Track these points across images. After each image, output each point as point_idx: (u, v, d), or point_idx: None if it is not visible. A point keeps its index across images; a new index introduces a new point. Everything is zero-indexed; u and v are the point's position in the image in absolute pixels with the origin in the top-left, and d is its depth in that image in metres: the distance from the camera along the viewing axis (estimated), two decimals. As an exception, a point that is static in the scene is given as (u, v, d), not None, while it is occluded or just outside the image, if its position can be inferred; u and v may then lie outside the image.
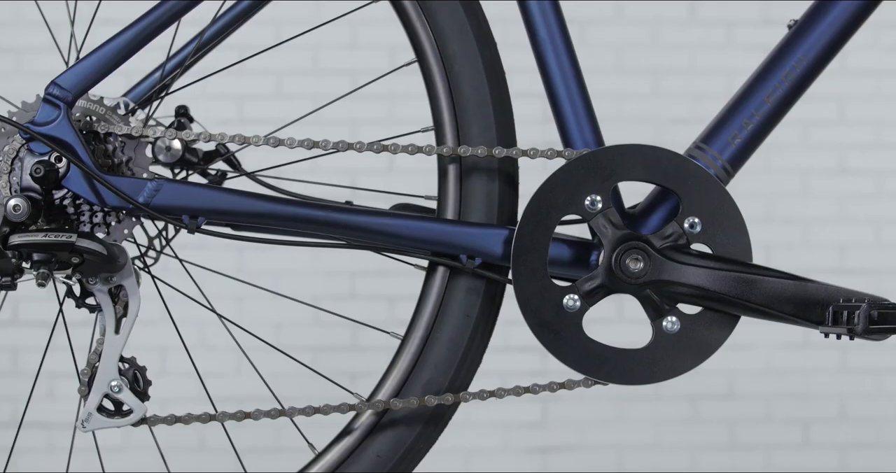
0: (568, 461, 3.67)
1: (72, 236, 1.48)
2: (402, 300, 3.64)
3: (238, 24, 1.79)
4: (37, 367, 1.74)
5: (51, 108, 1.53)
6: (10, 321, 3.62)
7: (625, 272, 1.53)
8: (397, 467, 1.59)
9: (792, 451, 3.66)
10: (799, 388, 3.68)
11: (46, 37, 1.82)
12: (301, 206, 1.55)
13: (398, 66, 1.69)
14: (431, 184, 1.81)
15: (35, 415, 3.61)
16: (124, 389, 1.56)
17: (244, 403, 1.66)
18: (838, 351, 3.67)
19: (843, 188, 3.73)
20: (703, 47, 3.77)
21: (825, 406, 3.67)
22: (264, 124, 2.33)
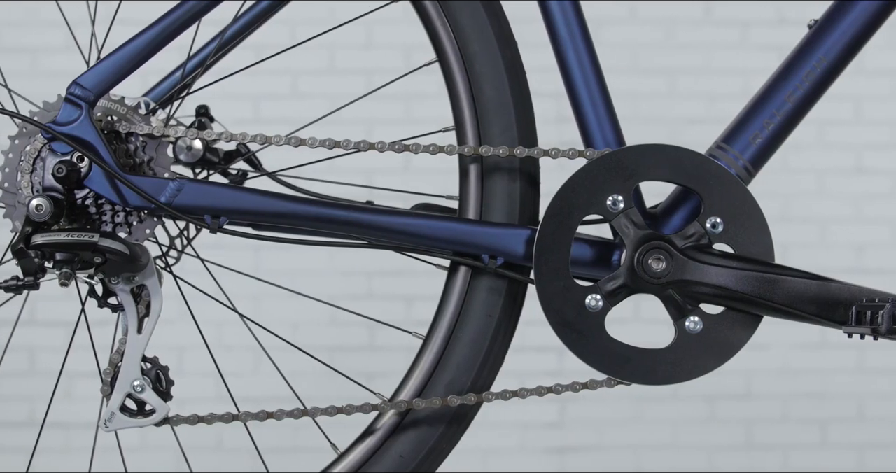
0: (585, 461, 3.67)
1: (94, 236, 1.49)
2: (420, 300, 3.64)
3: (258, 23, 1.79)
4: (52, 367, 1.74)
5: (72, 108, 1.53)
6: (28, 320, 3.62)
7: (647, 272, 1.53)
8: (420, 467, 1.59)
9: (809, 451, 3.65)
10: (816, 388, 3.67)
11: (60, 36, 1.83)
12: (324, 206, 1.55)
13: (419, 65, 1.68)
14: (448, 184, 1.81)
15: (52, 415, 3.63)
16: (147, 389, 1.56)
17: (260, 403, 1.66)
18: (856, 351, 3.66)
19: (860, 188, 3.72)
20: (719, 47, 3.76)
21: (843, 406, 3.66)
22: (279, 124, 2.33)
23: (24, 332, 3.66)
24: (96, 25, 1.74)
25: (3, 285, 1.52)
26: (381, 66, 3.68)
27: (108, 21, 1.75)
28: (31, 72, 3.64)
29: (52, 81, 1.95)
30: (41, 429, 1.76)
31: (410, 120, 3.64)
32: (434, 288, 3.72)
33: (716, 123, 3.73)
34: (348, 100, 1.83)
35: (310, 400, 1.64)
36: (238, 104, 3.62)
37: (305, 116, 1.86)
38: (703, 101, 3.73)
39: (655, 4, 3.73)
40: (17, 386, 3.67)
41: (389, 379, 1.63)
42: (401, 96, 3.64)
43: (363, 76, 3.66)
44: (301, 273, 3.53)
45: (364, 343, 3.68)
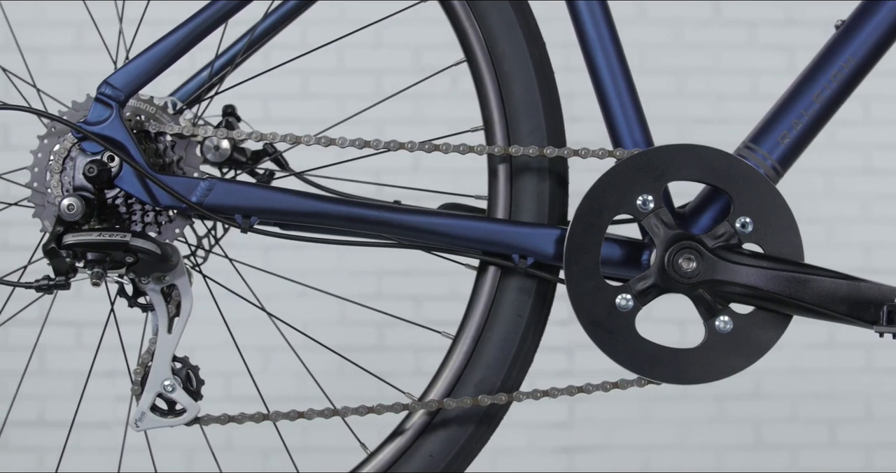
0: (594, 461, 3.67)
1: (126, 235, 1.49)
2: (429, 300, 3.65)
3: (285, 23, 1.79)
4: (62, 367, 1.74)
5: (103, 108, 1.53)
6: (37, 320, 3.61)
7: (678, 272, 1.53)
8: (450, 467, 1.59)
9: (818, 451, 3.65)
10: (825, 388, 3.68)
11: (69, 36, 1.83)
12: (356, 206, 1.55)
13: (447, 65, 1.69)
14: (471, 184, 1.81)
15: (60, 414, 3.63)
16: (178, 388, 1.56)
17: (275, 402, 1.66)
18: (864, 351, 3.67)
19: (868, 188, 3.73)
20: (727, 47, 3.76)
21: (851, 406, 3.66)
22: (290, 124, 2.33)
23: (33, 332, 3.67)
24: (109, 25, 1.74)
25: (35, 285, 1.52)
26: (389, 66, 3.68)
27: (125, 21, 1.75)
28: (43, 71, 3.64)
29: (61, 80, 1.95)
30: (70, 428, 1.75)
31: (428, 120, 3.64)
32: (442, 288, 3.74)
33: (723, 123, 3.76)
34: (355, 100, 1.83)
35: (326, 400, 1.64)
36: (253, 103, 3.63)
37: (320, 116, 1.86)
38: (711, 101, 3.73)
39: (664, 4, 3.73)
40: (26, 386, 3.66)
41: (400, 379, 1.63)
42: (411, 96, 3.64)
43: (373, 76, 3.66)
44: (310, 272, 3.53)
45: (372, 342, 3.68)
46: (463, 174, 2.80)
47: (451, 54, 1.67)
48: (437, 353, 1.65)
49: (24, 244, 3.67)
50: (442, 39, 2.76)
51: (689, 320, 1.60)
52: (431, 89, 2.86)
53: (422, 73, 1.74)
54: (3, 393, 3.65)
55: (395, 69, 3.70)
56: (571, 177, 1.63)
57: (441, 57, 1.70)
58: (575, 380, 1.59)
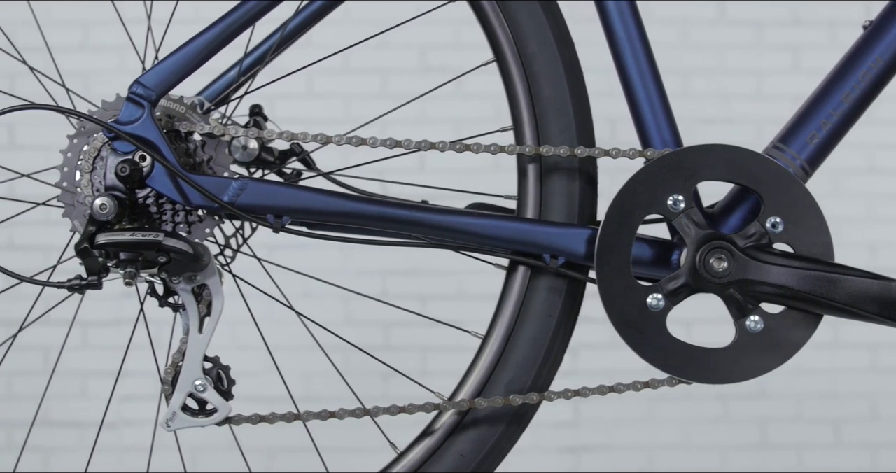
0: (599, 460, 3.67)
1: (159, 235, 1.48)
2: (434, 299, 3.65)
3: (313, 23, 1.79)
4: (66, 367, 1.74)
5: (134, 107, 1.53)
6: (42, 320, 3.60)
7: (709, 271, 1.53)
8: (480, 466, 1.59)
9: (823, 451, 3.66)
10: (829, 388, 3.69)
11: (76, 36, 1.82)
12: (387, 206, 1.55)
13: (476, 65, 1.69)
14: (488, 182, 1.81)
15: (66, 414, 3.63)
16: (209, 388, 1.56)
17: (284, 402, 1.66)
18: (869, 351, 3.68)
19: (873, 188, 3.74)
20: (732, 47, 3.77)
21: (856, 405, 3.67)
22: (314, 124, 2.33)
23: (38, 331, 3.66)
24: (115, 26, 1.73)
25: (67, 284, 1.52)
26: (394, 65, 3.68)
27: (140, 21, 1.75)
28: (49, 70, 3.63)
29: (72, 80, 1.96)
30: (100, 429, 1.75)
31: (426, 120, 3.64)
32: (447, 288, 3.73)
33: (729, 123, 3.77)
34: (360, 99, 1.83)
35: (338, 400, 1.64)
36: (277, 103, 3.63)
37: (333, 116, 1.86)
38: (717, 101, 3.74)
39: (669, 5, 3.74)
40: (31, 385, 3.66)
41: (395, 378, 1.63)
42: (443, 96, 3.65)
43: (378, 76, 3.66)
44: (315, 271, 3.53)
45: (379, 342, 3.68)
46: (478, 173, 2.81)
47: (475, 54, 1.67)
48: (443, 353, 1.66)
49: (48, 244, 3.66)
50: (467, 40, 2.75)
51: (696, 320, 1.60)
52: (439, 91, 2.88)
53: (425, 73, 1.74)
54: (14, 392, 3.66)
55: (407, 69, 3.70)
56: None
57: (459, 57, 1.70)
58: (579, 380, 1.60)
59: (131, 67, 3.69)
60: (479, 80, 1.82)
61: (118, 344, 3.74)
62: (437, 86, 1.75)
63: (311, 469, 2.56)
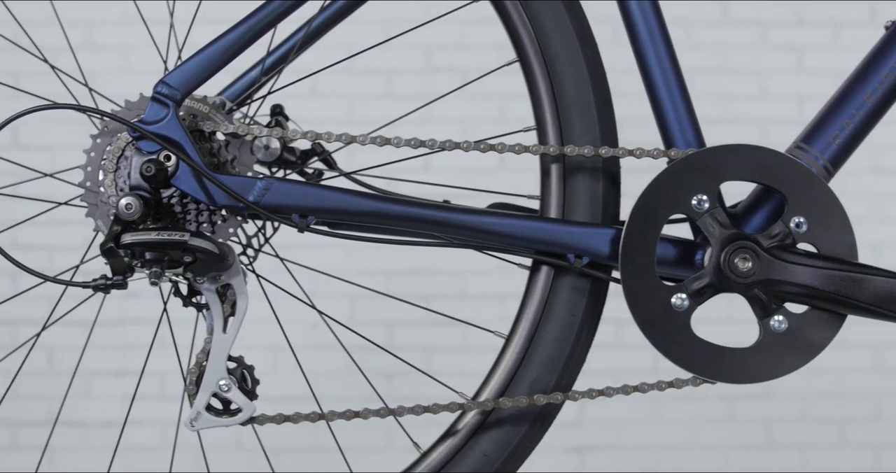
0: (604, 460, 3.68)
1: (185, 235, 1.48)
2: (438, 299, 3.65)
3: (335, 23, 1.79)
4: (71, 367, 1.73)
5: (159, 107, 1.53)
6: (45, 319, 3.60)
7: (734, 271, 1.54)
8: (504, 466, 1.60)
9: (827, 451, 3.66)
10: (834, 388, 3.69)
11: (78, 36, 1.82)
12: (412, 206, 1.55)
13: (499, 65, 1.69)
14: (507, 183, 1.81)
15: (70, 414, 3.62)
16: (233, 388, 1.55)
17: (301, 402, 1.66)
18: (873, 351, 3.68)
19: (877, 188, 3.74)
20: (736, 47, 3.77)
21: (860, 405, 3.68)
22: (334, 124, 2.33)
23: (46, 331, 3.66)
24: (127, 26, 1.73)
25: (92, 284, 1.52)
26: (399, 65, 3.68)
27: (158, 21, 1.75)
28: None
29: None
30: (123, 428, 1.75)
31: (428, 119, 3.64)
32: (451, 287, 3.73)
33: (732, 123, 3.77)
34: (431, 100, 1.82)
35: (343, 400, 1.64)
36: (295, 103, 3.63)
37: (366, 116, 1.85)
38: (721, 102, 3.74)
39: (673, 5, 3.73)
40: (36, 385, 3.66)
41: (412, 377, 1.63)
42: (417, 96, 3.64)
43: (383, 76, 3.66)
44: (319, 270, 3.53)
45: (382, 342, 3.68)
46: (487, 173, 2.81)
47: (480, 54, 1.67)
48: (447, 352, 1.66)
49: (68, 244, 3.65)
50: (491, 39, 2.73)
51: (720, 320, 1.60)
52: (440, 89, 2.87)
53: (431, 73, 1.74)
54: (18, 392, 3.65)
55: (405, 69, 3.70)
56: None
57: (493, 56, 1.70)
58: (588, 381, 1.60)
59: (134, 67, 3.71)
60: (486, 80, 1.82)
61: (121, 344, 3.73)
62: (461, 85, 1.75)
63: (333, 468, 2.54)
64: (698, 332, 1.54)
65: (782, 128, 3.66)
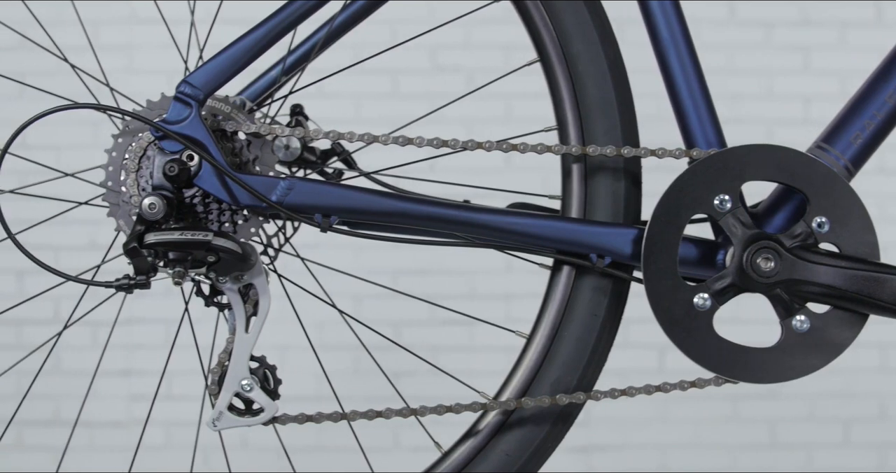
0: (610, 460, 3.68)
1: (208, 235, 1.48)
2: (444, 299, 3.64)
3: (355, 23, 1.79)
4: (77, 366, 1.74)
5: (182, 107, 1.53)
6: (52, 319, 3.60)
7: (756, 271, 1.54)
8: (526, 466, 1.60)
9: (832, 450, 3.67)
10: (840, 387, 3.69)
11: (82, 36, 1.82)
12: (434, 205, 1.55)
13: (520, 65, 1.69)
14: (520, 183, 1.81)
15: (75, 414, 3.61)
16: (255, 388, 1.55)
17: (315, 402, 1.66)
18: (879, 351, 3.69)
19: (883, 188, 3.75)
20: (742, 47, 3.77)
21: (865, 405, 3.68)
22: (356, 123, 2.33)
23: (49, 331, 3.66)
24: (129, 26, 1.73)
25: (115, 284, 1.52)
26: (405, 65, 3.68)
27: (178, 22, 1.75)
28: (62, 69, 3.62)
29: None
30: (144, 428, 1.74)
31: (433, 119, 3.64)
32: (457, 287, 3.73)
33: (738, 123, 3.76)
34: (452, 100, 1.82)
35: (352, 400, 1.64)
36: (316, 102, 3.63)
37: (381, 115, 1.85)
38: (727, 102, 3.74)
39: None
40: (42, 385, 3.65)
41: (417, 377, 1.63)
42: (423, 96, 3.64)
43: (389, 75, 3.66)
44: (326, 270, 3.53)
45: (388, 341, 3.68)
46: (498, 173, 2.81)
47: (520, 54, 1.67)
48: (452, 352, 1.66)
49: (73, 244, 3.63)
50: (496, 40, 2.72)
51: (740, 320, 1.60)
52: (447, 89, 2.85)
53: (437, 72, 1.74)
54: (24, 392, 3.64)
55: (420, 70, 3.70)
56: (635, 177, 1.63)
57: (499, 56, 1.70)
58: (679, 379, 1.60)
59: (139, 67, 3.70)
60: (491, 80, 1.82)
61: (126, 343, 3.73)
62: (483, 85, 1.75)
63: (302, 469, 2.53)
64: (719, 332, 1.54)
65: (788, 128, 3.68)
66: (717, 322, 1.56)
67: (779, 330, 1.56)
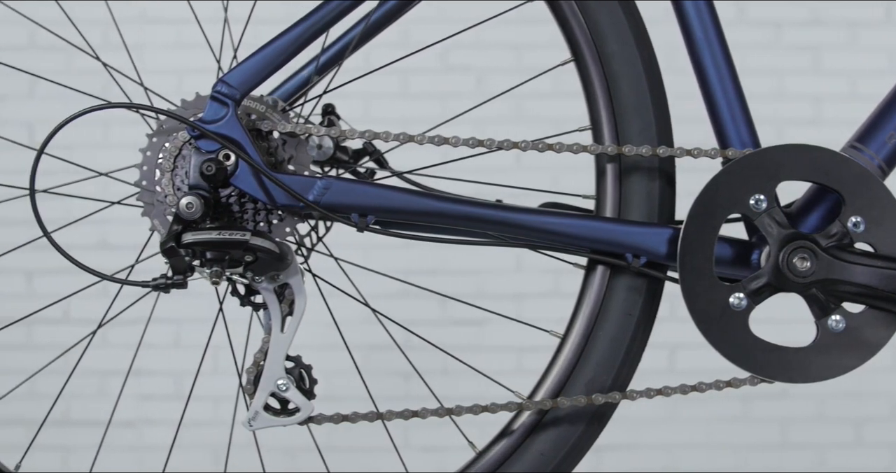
0: (621, 460, 3.68)
1: (246, 234, 1.48)
2: (454, 298, 3.64)
3: (389, 22, 1.79)
4: (86, 365, 1.75)
5: (219, 106, 1.52)
6: (61, 319, 3.60)
7: (793, 271, 1.54)
8: (560, 466, 1.60)
9: (844, 450, 3.67)
10: (851, 387, 3.68)
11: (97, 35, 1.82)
12: (471, 205, 1.55)
13: (554, 65, 1.69)
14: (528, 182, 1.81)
15: (84, 413, 3.61)
16: (291, 387, 1.55)
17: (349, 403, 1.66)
18: (891, 350, 3.66)
19: (888, 187, 3.74)
20: (752, 47, 3.78)
21: (877, 405, 3.68)
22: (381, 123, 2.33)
23: (56, 331, 3.65)
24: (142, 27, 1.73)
25: (153, 284, 1.52)
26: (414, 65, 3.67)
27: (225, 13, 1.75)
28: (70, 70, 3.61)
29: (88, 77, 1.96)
30: (178, 428, 1.74)
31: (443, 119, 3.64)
32: (468, 287, 3.73)
33: (749, 123, 3.75)
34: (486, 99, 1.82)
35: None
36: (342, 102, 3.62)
37: (417, 115, 1.85)
38: (736, 101, 3.75)
39: (671, 4, 3.74)
40: (50, 385, 3.64)
41: (427, 377, 1.64)
42: (433, 95, 3.64)
43: (400, 76, 3.66)
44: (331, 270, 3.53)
45: (401, 341, 3.67)
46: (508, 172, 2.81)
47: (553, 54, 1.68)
48: (463, 352, 1.67)
49: (83, 243, 3.62)
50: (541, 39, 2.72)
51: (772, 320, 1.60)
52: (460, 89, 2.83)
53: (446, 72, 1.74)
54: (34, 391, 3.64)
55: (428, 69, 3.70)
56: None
57: (542, 57, 1.70)
58: (714, 379, 1.60)
59: (147, 67, 3.69)
60: (500, 80, 1.82)
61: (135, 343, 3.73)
62: (518, 84, 1.75)
63: (311, 469, 2.52)
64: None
65: (798, 129, 3.68)
66: (751, 322, 1.56)
67: (812, 329, 1.56)
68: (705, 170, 1.60)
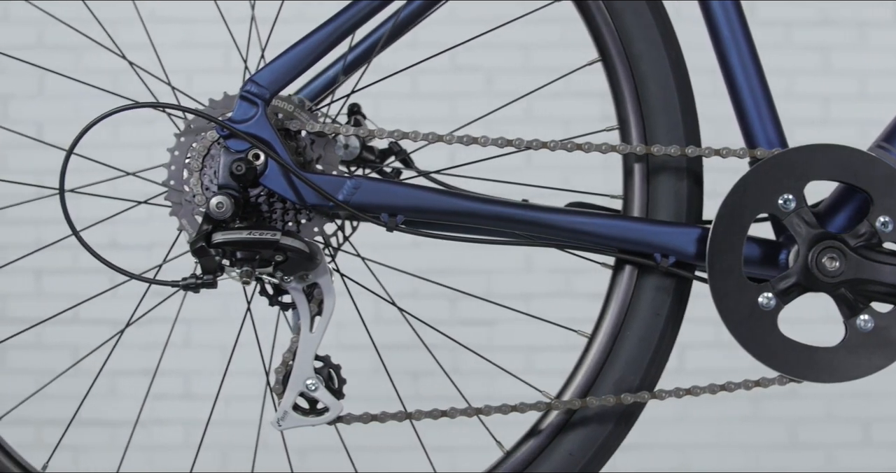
0: (631, 460, 3.67)
1: (276, 234, 1.48)
2: (463, 298, 3.64)
3: (415, 22, 1.79)
4: (95, 366, 1.74)
5: (248, 106, 1.52)
6: (71, 319, 3.59)
7: (822, 271, 1.54)
8: (588, 465, 1.60)
9: (853, 450, 3.67)
10: (860, 387, 3.68)
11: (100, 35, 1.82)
12: (499, 205, 1.56)
13: (581, 65, 1.69)
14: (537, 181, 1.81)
15: (96, 413, 3.61)
16: (320, 387, 1.55)
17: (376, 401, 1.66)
18: (901, 350, 3.68)
19: None
20: (762, 47, 3.77)
21: (886, 404, 3.68)
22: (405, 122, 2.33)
23: (67, 331, 3.65)
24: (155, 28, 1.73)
25: (182, 283, 1.52)
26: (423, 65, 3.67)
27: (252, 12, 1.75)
28: (79, 68, 3.61)
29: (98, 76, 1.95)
30: (205, 428, 1.75)
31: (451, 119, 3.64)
32: (478, 286, 3.72)
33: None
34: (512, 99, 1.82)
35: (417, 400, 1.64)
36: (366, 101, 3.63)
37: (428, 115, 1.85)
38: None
39: (697, 5, 3.74)
40: (59, 385, 3.64)
41: (436, 378, 1.64)
42: (442, 95, 3.64)
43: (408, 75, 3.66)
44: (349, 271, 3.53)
45: (407, 341, 3.67)
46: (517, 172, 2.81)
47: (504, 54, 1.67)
48: (470, 352, 1.67)
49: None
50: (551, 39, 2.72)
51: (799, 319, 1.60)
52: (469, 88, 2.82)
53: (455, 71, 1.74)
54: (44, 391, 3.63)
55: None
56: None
57: (552, 58, 1.70)
58: (743, 378, 1.60)
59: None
60: (508, 81, 1.82)
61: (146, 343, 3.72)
62: (543, 85, 1.75)
63: (318, 469, 2.53)
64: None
65: (807, 129, 3.68)
66: (779, 321, 1.56)
67: (839, 329, 1.56)
68: (728, 169, 1.60)
